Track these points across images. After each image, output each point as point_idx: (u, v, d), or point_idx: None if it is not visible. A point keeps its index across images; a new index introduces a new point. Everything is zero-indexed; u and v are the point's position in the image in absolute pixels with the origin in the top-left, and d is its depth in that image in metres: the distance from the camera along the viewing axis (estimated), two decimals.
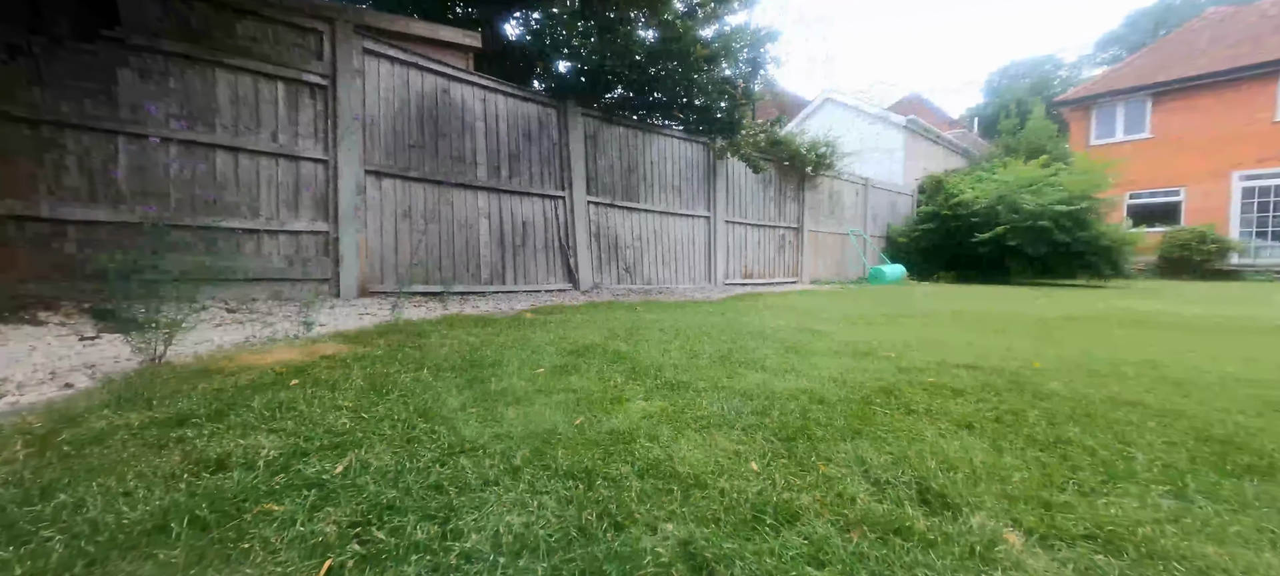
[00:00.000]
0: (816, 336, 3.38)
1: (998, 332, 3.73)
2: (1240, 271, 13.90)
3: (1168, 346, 3.26)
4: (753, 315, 4.55)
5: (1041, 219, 9.60)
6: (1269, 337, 3.71)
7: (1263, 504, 1.17)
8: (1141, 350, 3.08)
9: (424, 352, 2.52)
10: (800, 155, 9.24)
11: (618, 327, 3.62)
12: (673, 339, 3.24)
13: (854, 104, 14.55)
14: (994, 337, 3.47)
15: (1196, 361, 2.79)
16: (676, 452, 1.37)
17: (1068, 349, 3.06)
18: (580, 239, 6.94)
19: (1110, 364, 2.64)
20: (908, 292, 7.78)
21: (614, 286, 7.32)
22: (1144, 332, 3.87)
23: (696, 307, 5.18)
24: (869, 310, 5.21)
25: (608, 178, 7.32)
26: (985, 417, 1.75)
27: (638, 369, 2.39)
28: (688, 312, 4.69)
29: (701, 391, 2.03)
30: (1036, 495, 1.17)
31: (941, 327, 3.96)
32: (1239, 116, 15.13)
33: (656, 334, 3.41)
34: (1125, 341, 3.41)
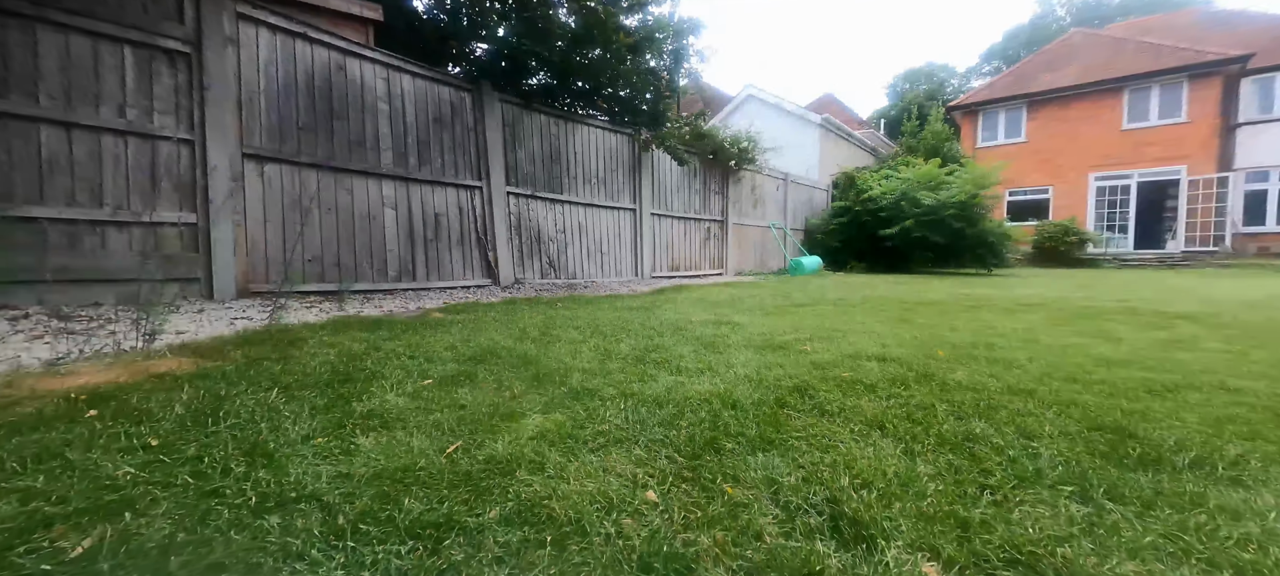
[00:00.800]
0: (735, 329, 3.27)
1: (903, 321, 3.80)
2: (1095, 259, 15.68)
3: (1049, 332, 3.44)
4: (675, 309, 4.41)
5: (940, 213, 10.26)
6: (1133, 320, 4.05)
7: (1164, 503, 1.12)
8: (1028, 335, 3.22)
9: (287, 366, 2.12)
10: (724, 149, 9.26)
11: (531, 326, 3.33)
12: (588, 338, 3.01)
13: (774, 101, 14.91)
14: (900, 326, 3.52)
15: (1074, 342, 2.93)
16: (562, 486, 1.13)
17: (965, 335, 3.14)
18: (500, 232, 6.52)
19: (1004, 350, 2.71)
20: (823, 282, 8.00)
21: (537, 281, 6.97)
22: (1029, 317, 4.11)
23: (620, 302, 4.97)
24: (788, 300, 5.24)
25: (529, 167, 6.93)
26: (897, 415, 1.66)
27: (542, 375, 2.13)
28: (610, 308, 4.47)
29: (608, 400, 1.81)
30: (952, 511, 1.05)
31: (853, 315, 4.00)
32: (1095, 125, 17.04)
33: (572, 333, 3.15)
34: (1015, 328, 3.56)
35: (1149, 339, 3.18)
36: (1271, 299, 5.59)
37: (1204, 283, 8.38)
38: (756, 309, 4.46)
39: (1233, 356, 2.65)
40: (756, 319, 3.80)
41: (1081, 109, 17.22)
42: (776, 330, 3.26)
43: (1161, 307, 4.76)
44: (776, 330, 3.26)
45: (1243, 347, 2.86)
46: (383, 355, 2.39)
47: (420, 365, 2.23)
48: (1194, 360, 2.55)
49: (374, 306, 4.49)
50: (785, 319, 3.83)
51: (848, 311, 4.32)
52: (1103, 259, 15.72)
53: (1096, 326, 3.65)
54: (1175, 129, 15.85)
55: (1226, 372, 2.27)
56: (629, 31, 6.94)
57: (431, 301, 5.01)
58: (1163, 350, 2.82)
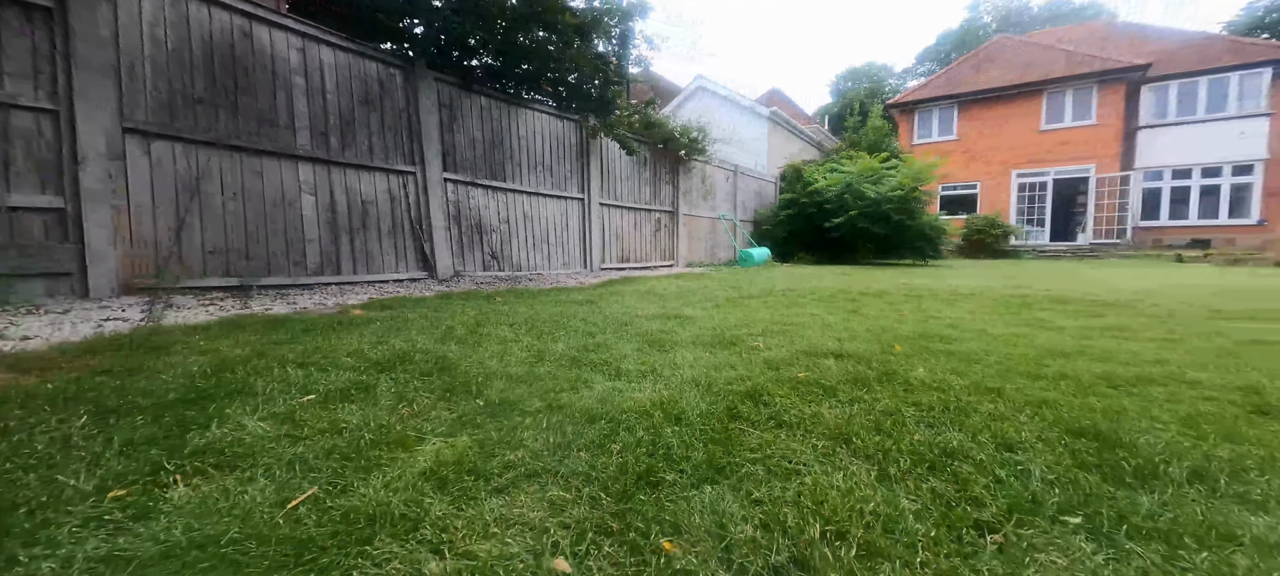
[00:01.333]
0: (684, 324, 3.00)
1: (853, 312, 3.67)
2: (1017, 251, 16.58)
3: (993, 322, 3.38)
4: (622, 301, 4.11)
5: (881, 206, 10.44)
6: (1065, 309, 4.08)
7: (1187, 534, 0.92)
8: (974, 325, 3.13)
9: (129, 382, 1.66)
10: (674, 139, 9.01)
11: (461, 324, 2.94)
12: (522, 336, 2.66)
13: (725, 93, 14.81)
14: (851, 317, 3.36)
15: (1021, 332, 2.85)
16: (432, 561, 0.80)
17: (915, 326, 3.01)
18: (436, 220, 6.00)
19: (958, 343, 2.58)
20: (772, 273, 7.92)
21: (479, 274, 6.49)
22: (968, 306, 4.07)
23: (564, 295, 4.62)
24: (738, 292, 5.05)
25: (469, 153, 6.42)
26: (863, 425, 1.42)
27: (458, 384, 1.78)
28: (552, 302, 4.11)
29: (530, 415, 1.49)
30: (953, 571, 0.80)
31: (804, 307, 3.83)
32: (1017, 125, 17.97)
33: (504, 331, 2.79)
34: (959, 317, 3.48)
35: (1087, 327, 3.16)
36: (1178, 286, 5.88)
37: (1113, 272, 8.89)
38: (706, 301, 4.23)
39: (1172, 343, 2.62)
40: (706, 312, 3.55)
41: (1006, 110, 18.11)
42: (727, 324, 3.02)
43: (1086, 295, 4.88)
44: (727, 324, 3.02)
45: (1178, 335, 2.86)
46: (265, 364, 1.95)
47: (309, 376, 1.82)
48: (1141, 350, 2.48)
49: (287, 303, 3.95)
50: (736, 311, 3.61)
51: (798, 303, 4.15)
52: (1023, 250, 16.64)
53: (1035, 315, 3.63)
54: (1086, 131, 16.92)
55: (1178, 363, 2.19)
56: (575, 12, 6.54)
57: (356, 297, 4.49)
58: (1107, 339, 2.77)
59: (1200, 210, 16.53)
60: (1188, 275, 7.88)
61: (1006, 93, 17.95)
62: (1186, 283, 6.42)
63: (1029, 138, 17.71)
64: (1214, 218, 16.36)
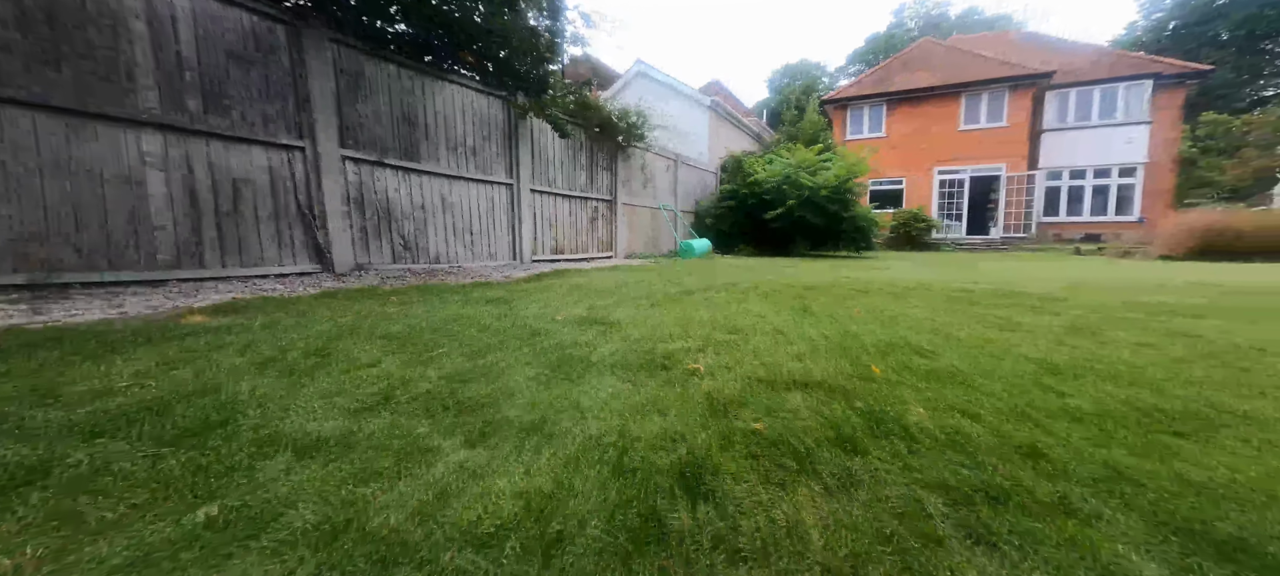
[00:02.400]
0: (609, 333, 2.35)
1: (804, 311, 3.15)
2: (938, 244, 17.16)
3: (954, 322, 2.96)
4: (544, 301, 3.40)
5: (817, 195, 10.22)
6: (1018, 305, 3.78)
7: None
8: (937, 327, 2.68)
9: None
10: (612, 123, 8.29)
11: (313, 340, 2.14)
12: (386, 358, 1.91)
13: (665, 80, 14.20)
14: (803, 319, 2.83)
15: (991, 336, 2.42)
16: None
17: (875, 329, 2.52)
18: (332, 205, 5.00)
19: (933, 355, 2.08)
20: (713, 266, 7.42)
21: (387, 267, 5.54)
22: (918, 302, 3.68)
23: (478, 293, 3.84)
24: (678, 287, 4.46)
25: (376, 128, 5.43)
26: (870, 536, 0.83)
27: (180, 475, 1.03)
28: (461, 301, 3.33)
29: (272, 552, 0.78)
30: None
31: (749, 305, 3.27)
32: (939, 125, 18.55)
33: (367, 350, 2.03)
34: (918, 317, 3.04)
35: (1050, 325, 2.79)
36: (1096, 279, 5.86)
37: (1030, 265, 9.09)
38: (642, 298, 3.59)
39: (1155, 353, 2.25)
40: (639, 313, 2.91)
41: (929, 109, 18.65)
42: (661, 332, 2.38)
43: (1026, 289, 4.66)
44: (661, 332, 2.38)
45: (1154, 340, 2.51)
46: None
47: None
48: (1140, 361, 2.08)
49: (112, 305, 2.95)
50: (673, 311, 2.99)
51: (742, 299, 3.59)
52: (943, 243, 17.24)
53: (992, 313, 3.25)
54: (998, 132, 17.69)
55: (1203, 384, 1.77)
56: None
57: (216, 295, 3.52)
58: (1089, 342, 2.38)
59: (1092, 208, 17.76)
60: (1094, 268, 8.12)
61: (930, 93, 18.47)
62: (1100, 275, 6.48)
63: (949, 137, 18.33)
64: (1104, 215, 17.62)
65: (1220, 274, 6.46)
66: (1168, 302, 3.69)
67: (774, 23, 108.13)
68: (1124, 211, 17.40)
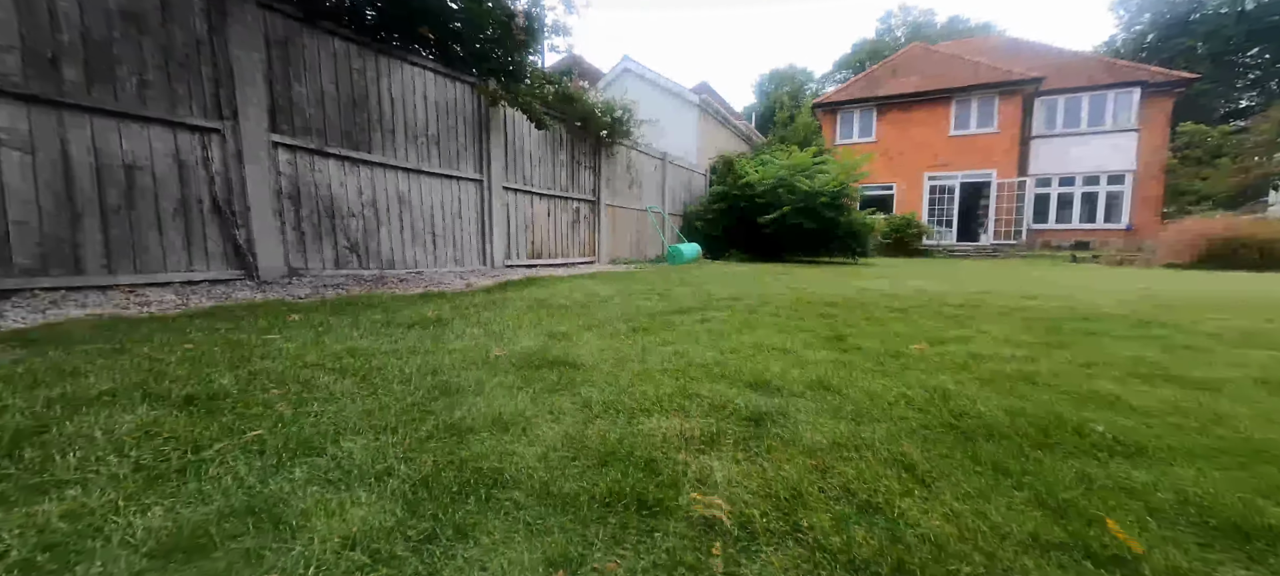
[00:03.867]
0: (559, 391, 1.53)
1: (837, 340, 2.45)
2: (929, 250, 16.73)
3: (1070, 365, 2.28)
4: (491, 323, 2.63)
5: (814, 200, 9.61)
6: (1121, 323, 3.13)
7: None
8: (1065, 374, 2.00)
9: None
10: (595, 116, 7.56)
11: (58, 405, 1.36)
12: (122, 458, 1.14)
13: (653, 77, 13.49)
14: (855, 365, 2.10)
15: (1172, 396, 1.74)
16: None
17: (986, 391, 1.81)
18: (258, 199, 4.19)
19: (1158, 459, 1.40)
20: (706, 273, 6.72)
21: (328, 272, 4.73)
22: (995, 331, 3.01)
23: (415, 310, 3.06)
24: (667, 302, 3.73)
25: (315, 111, 4.63)
26: None
27: None
28: (378, 324, 2.55)
29: None
30: None
31: (760, 331, 2.55)
32: (929, 130, 18.18)
33: (116, 438, 1.26)
34: (1036, 363, 2.33)
35: (1188, 359, 2.12)
36: (1165, 292, 5.28)
37: (1039, 272, 8.56)
38: (620, 319, 2.85)
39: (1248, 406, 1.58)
40: (614, 347, 2.16)
41: (919, 115, 18.28)
42: (644, 391, 1.57)
43: (1102, 305, 3.99)
44: (644, 391, 1.57)
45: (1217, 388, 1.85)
46: None
47: None
48: None
49: None
50: (661, 344, 2.24)
51: (751, 323, 2.85)
52: (935, 249, 16.82)
53: (1119, 350, 2.42)
54: (988, 138, 17.36)
55: None
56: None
57: (77, 310, 2.70)
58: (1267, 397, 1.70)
59: (1081, 215, 17.51)
60: (1098, 276, 7.60)
61: (920, 98, 18.10)
62: (1112, 285, 5.90)
63: (940, 142, 17.97)
64: (1092, 222, 17.38)
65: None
66: None
67: (761, 29, 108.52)
68: (1112, 219, 17.17)
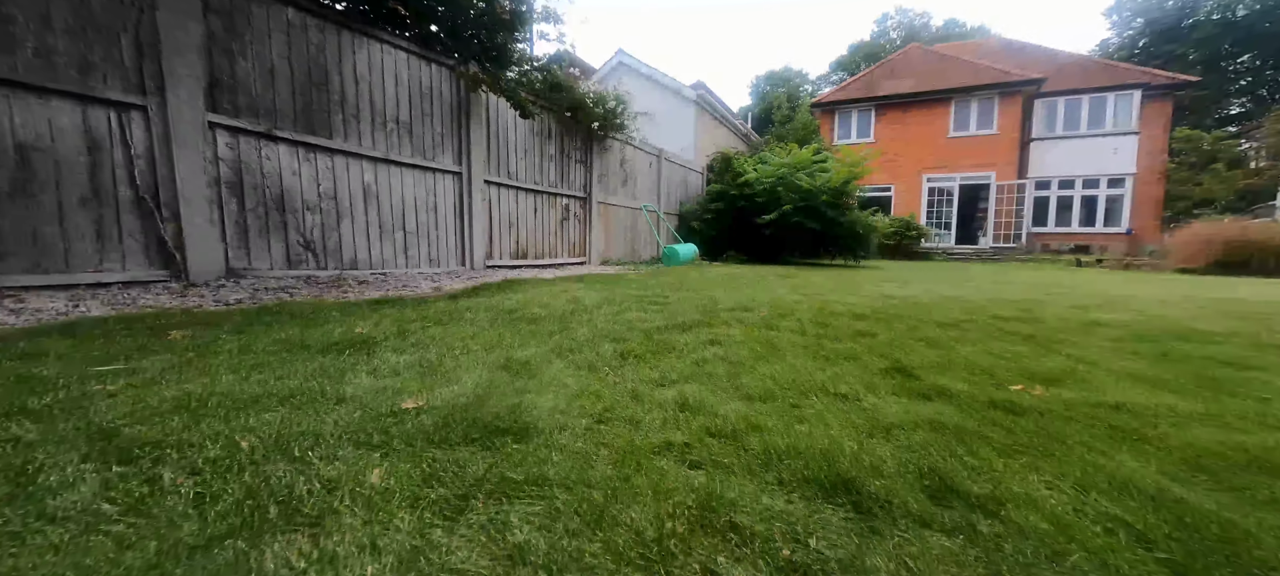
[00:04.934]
0: (493, 487, 1.00)
1: (896, 373, 1.90)
2: (929, 253, 16.31)
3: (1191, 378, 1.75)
4: (434, 346, 2.04)
5: (816, 199, 9.11)
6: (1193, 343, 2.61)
7: None
8: None
9: None
10: (586, 107, 6.99)
11: None
12: None
13: (648, 72, 12.92)
14: (917, 406, 1.58)
15: None
16: None
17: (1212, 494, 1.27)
18: (192, 188, 3.59)
19: None
20: (705, 277, 6.17)
21: (277, 273, 4.12)
22: (1088, 345, 2.48)
23: (354, 321, 2.48)
24: (663, 311, 3.17)
25: (264, 90, 4.03)
26: None
27: None
28: (289, 345, 1.98)
29: None
30: None
31: (796, 361, 1.95)
32: (928, 131, 17.77)
33: None
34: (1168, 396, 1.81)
35: None
36: (1150, 295, 4.79)
37: (1051, 275, 8.10)
38: (604, 337, 2.27)
39: None
40: (591, 387, 1.57)
41: (918, 115, 17.87)
42: (632, 512, 0.97)
43: (1192, 318, 3.49)
44: (632, 512, 0.97)
45: None
46: None
47: None
48: None
49: None
50: (658, 386, 1.64)
51: (772, 346, 2.22)
52: (934, 252, 16.40)
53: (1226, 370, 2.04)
54: (988, 139, 16.97)
55: None
56: None
57: None
58: None
59: (1080, 219, 17.16)
60: (1118, 281, 7.15)
61: (919, 99, 17.69)
62: (1145, 291, 5.43)
63: (938, 143, 17.57)
64: (1092, 226, 17.04)
65: None
66: None
67: (756, 30, 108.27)
68: (1112, 223, 16.84)
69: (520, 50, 6.41)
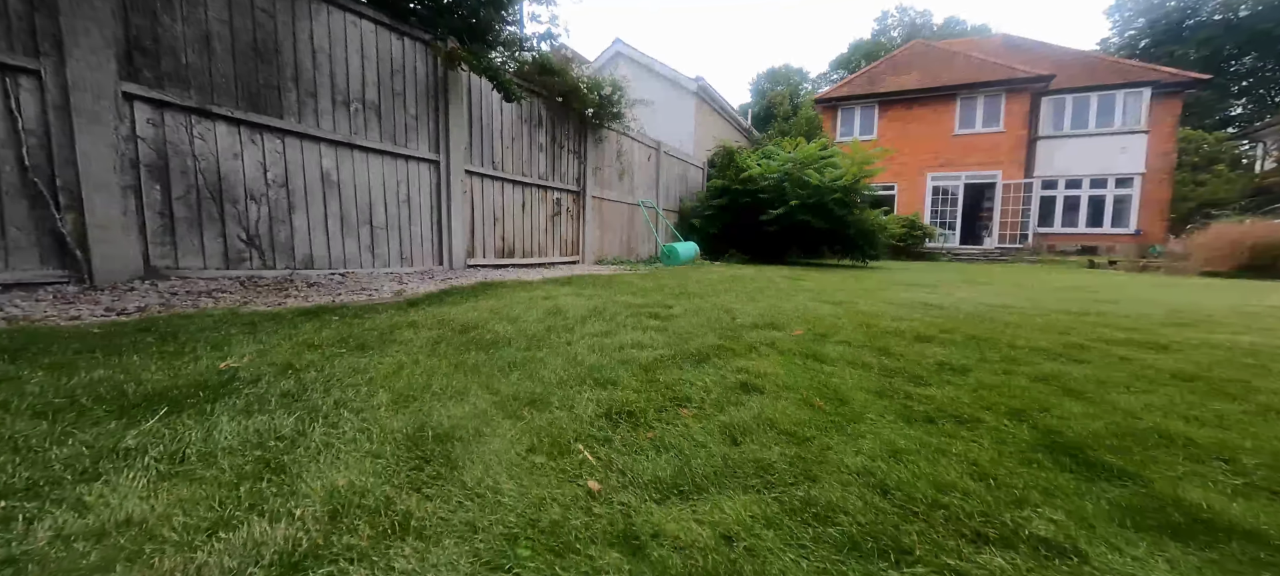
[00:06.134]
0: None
1: (1045, 445, 1.32)
2: (933, 253, 15.76)
3: None
4: (331, 392, 1.37)
5: (824, 196, 8.51)
6: None
7: None
8: None
9: None
10: (580, 93, 6.37)
11: None
12: None
13: (647, 62, 12.29)
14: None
15: None
16: None
17: None
18: (98, 172, 2.95)
19: None
20: (709, 279, 5.57)
21: (212, 272, 3.49)
22: None
23: (251, 343, 1.87)
24: (664, 327, 2.56)
25: (198, 57, 3.39)
26: None
27: None
28: (100, 397, 1.37)
29: None
30: None
31: (879, 429, 1.33)
32: (932, 128, 17.21)
33: None
34: None
35: None
36: (1222, 303, 4.23)
37: (1078, 278, 7.53)
38: (584, 379, 1.59)
39: None
40: (552, 505, 0.96)
41: (922, 112, 17.31)
42: None
43: (1246, 330, 2.91)
44: None
45: None
46: None
47: None
48: None
49: None
50: (664, 510, 0.91)
51: (840, 394, 1.54)
52: (938, 253, 15.86)
53: None
54: (994, 137, 16.42)
55: None
56: None
57: None
58: None
59: (1088, 219, 16.65)
60: (1153, 285, 6.60)
61: (924, 95, 17.12)
62: (1196, 298, 4.86)
63: (943, 141, 17.01)
64: (1099, 226, 16.52)
65: None
66: None
67: (756, 28, 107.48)
68: (1119, 223, 16.32)
69: (510, 32, 5.79)
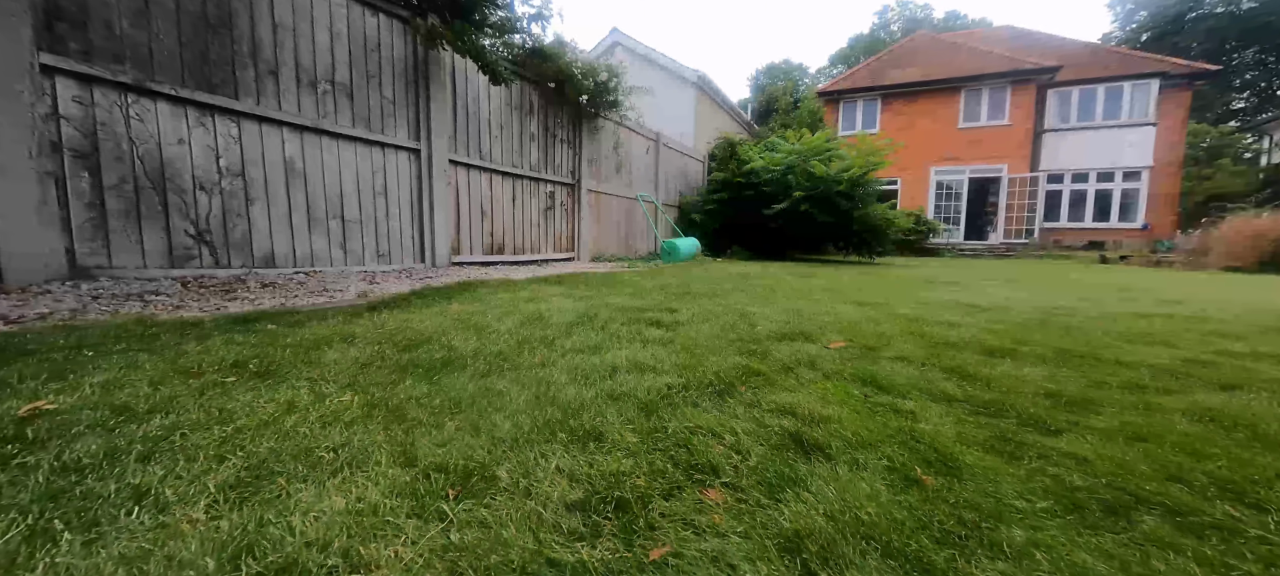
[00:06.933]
0: None
1: None
2: (938, 249, 15.36)
3: None
4: (182, 453, 0.92)
5: (830, 189, 8.10)
6: None
7: None
8: None
9: None
10: (575, 79, 5.93)
11: None
12: None
13: (645, 52, 11.86)
14: None
15: None
16: None
17: None
18: (8, 155, 2.52)
19: None
20: (711, 277, 5.15)
21: (153, 272, 3.06)
22: None
23: (107, 370, 1.46)
24: (669, 342, 2.15)
25: (135, 28, 2.95)
26: None
27: None
28: None
29: None
30: None
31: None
32: (936, 121, 16.78)
33: None
34: None
35: None
36: (1258, 300, 3.83)
37: (1100, 274, 7.14)
38: (557, 430, 1.09)
39: None
40: None
41: (925, 105, 16.89)
42: None
43: None
44: None
45: None
46: None
47: None
48: None
49: None
50: None
51: (949, 459, 1.00)
52: (943, 248, 15.47)
53: None
54: (999, 131, 16.01)
55: None
56: None
57: None
58: None
59: (1095, 213, 16.26)
60: (1184, 282, 6.21)
61: (927, 88, 16.69)
62: (1257, 296, 4.47)
63: (947, 135, 16.59)
64: (1106, 221, 16.13)
65: None
66: None
67: (754, 22, 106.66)
68: (1127, 218, 15.93)
69: (501, 17, 5.35)
